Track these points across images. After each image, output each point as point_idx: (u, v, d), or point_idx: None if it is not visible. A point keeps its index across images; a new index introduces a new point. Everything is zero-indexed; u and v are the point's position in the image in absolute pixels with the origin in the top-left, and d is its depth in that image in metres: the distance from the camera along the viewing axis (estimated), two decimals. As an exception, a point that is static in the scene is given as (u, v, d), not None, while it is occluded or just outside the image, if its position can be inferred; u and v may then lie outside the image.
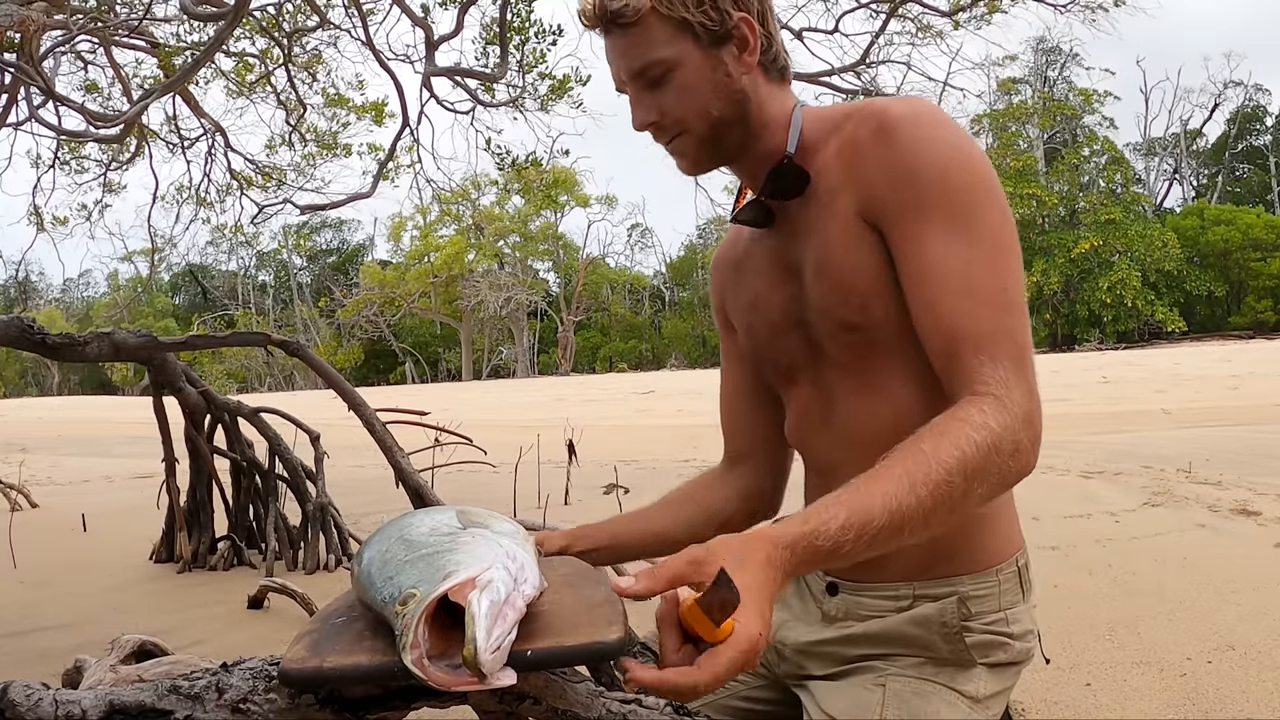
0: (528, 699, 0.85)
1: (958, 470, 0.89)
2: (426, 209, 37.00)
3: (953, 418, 0.94)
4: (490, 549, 0.82)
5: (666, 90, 1.07)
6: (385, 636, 0.79)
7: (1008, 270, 1.01)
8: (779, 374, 1.24)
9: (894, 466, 0.89)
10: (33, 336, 3.89)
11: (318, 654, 0.79)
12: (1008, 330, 0.99)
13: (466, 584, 0.73)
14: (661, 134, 1.11)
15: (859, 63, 7.52)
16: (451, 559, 0.79)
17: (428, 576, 0.76)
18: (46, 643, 3.69)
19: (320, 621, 0.89)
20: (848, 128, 1.08)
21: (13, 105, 6.55)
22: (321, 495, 5.11)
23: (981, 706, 1.10)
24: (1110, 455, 8.43)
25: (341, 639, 0.83)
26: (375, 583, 0.82)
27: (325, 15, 7.42)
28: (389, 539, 0.88)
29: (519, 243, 55.80)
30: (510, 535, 0.89)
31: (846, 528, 0.84)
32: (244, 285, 63.47)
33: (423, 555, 0.81)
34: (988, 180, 1.03)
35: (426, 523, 0.90)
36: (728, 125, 1.10)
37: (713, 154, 1.12)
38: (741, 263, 1.26)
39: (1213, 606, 3.59)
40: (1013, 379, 0.96)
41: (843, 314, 1.09)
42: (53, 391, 54.94)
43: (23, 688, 0.77)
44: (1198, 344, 39.32)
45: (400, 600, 0.75)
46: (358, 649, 0.80)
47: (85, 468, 11.37)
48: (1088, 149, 49.80)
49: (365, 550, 0.90)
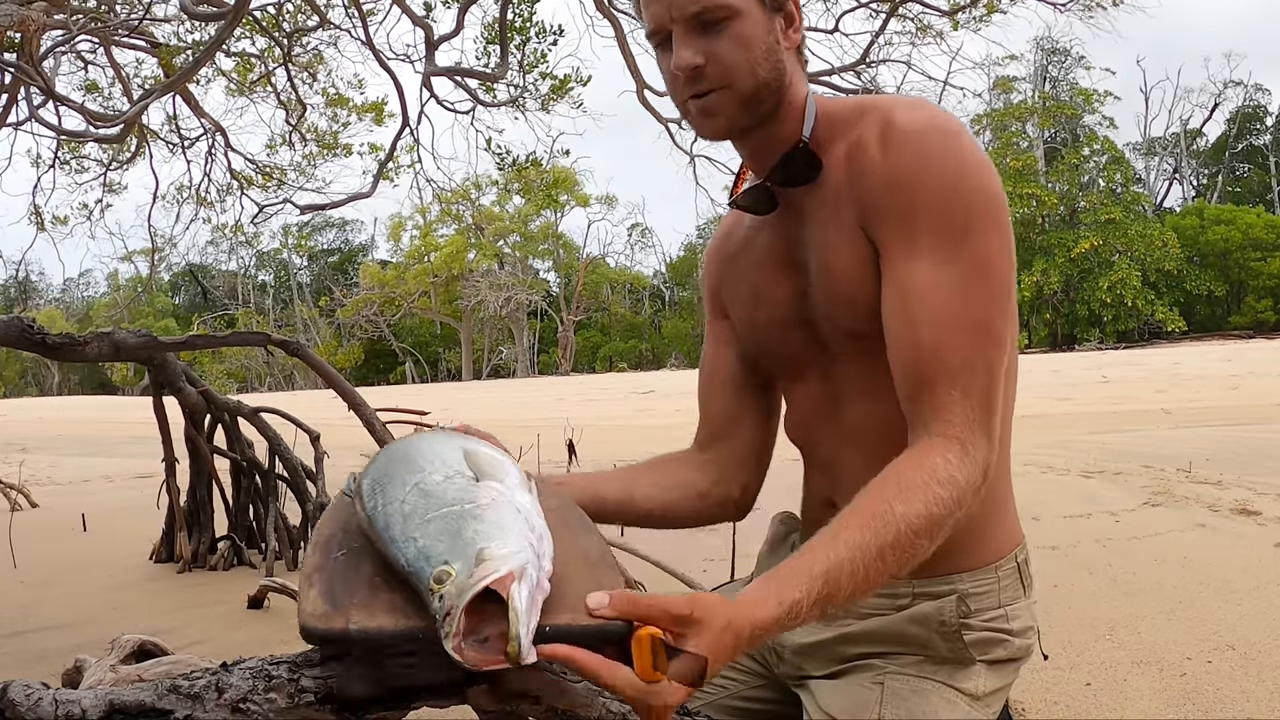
0: (528, 698, 0.85)
1: (924, 532, 0.90)
2: (426, 209, 36.97)
3: (920, 467, 0.93)
4: (514, 521, 0.82)
5: (721, 37, 1.03)
6: (400, 588, 0.81)
7: (994, 301, 0.99)
8: (784, 369, 1.22)
9: (865, 532, 0.89)
10: (33, 336, 3.89)
11: (338, 608, 0.80)
12: (984, 365, 0.98)
13: (507, 578, 0.74)
14: (703, 82, 1.04)
15: (859, 62, 7.52)
16: (479, 531, 0.79)
17: (458, 551, 0.77)
18: (46, 643, 3.69)
19: (323, 554, 0.89)
20: (858, 129, 1.06)
21: (13, 105, 6.55)
22: (321, 495, 5.10)
23: (981, 704, 1.10)
24: (1110, 455, 8.43)
25: (356, 586, 0.83)
26: (395, 536, 0.82)
27: (325, 15, 7.42)
28: (403, 484, 0.87)
29: (519, 242, 55.79)
30: (523, 492, 0.89)
31: (815, 603, 0.85)
32: (244, 285, 63.46)
33: (444, 516, 0.81)
34: (989, 203, 1.01)
35: (438, 465, 0.90)
36: (767, 91, 1.06)
37: (747, 116, 1.07)
38: (739, 253, 1.24)
39: (1213, 606, 3.59)
40: (977, 423, 0.96)
41: (849, 323, 1.09)
42: (53, 391, 54.93)
43: (23, 688, 0.77)
44: (1198, 344, 39.32)
45: (435, 578, 0.76)
46: (376, 604, 0.80)
47: (85, 468, 11.37)
48: (1088, 149, 49.80)
49: (377, 491, 0.89)
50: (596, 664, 0.75)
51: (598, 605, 0.77)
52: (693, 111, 1.08)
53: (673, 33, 1.04)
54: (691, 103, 1.07)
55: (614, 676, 0.75)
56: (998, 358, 1.00)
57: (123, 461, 11.74)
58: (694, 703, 1.25)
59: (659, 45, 1.08)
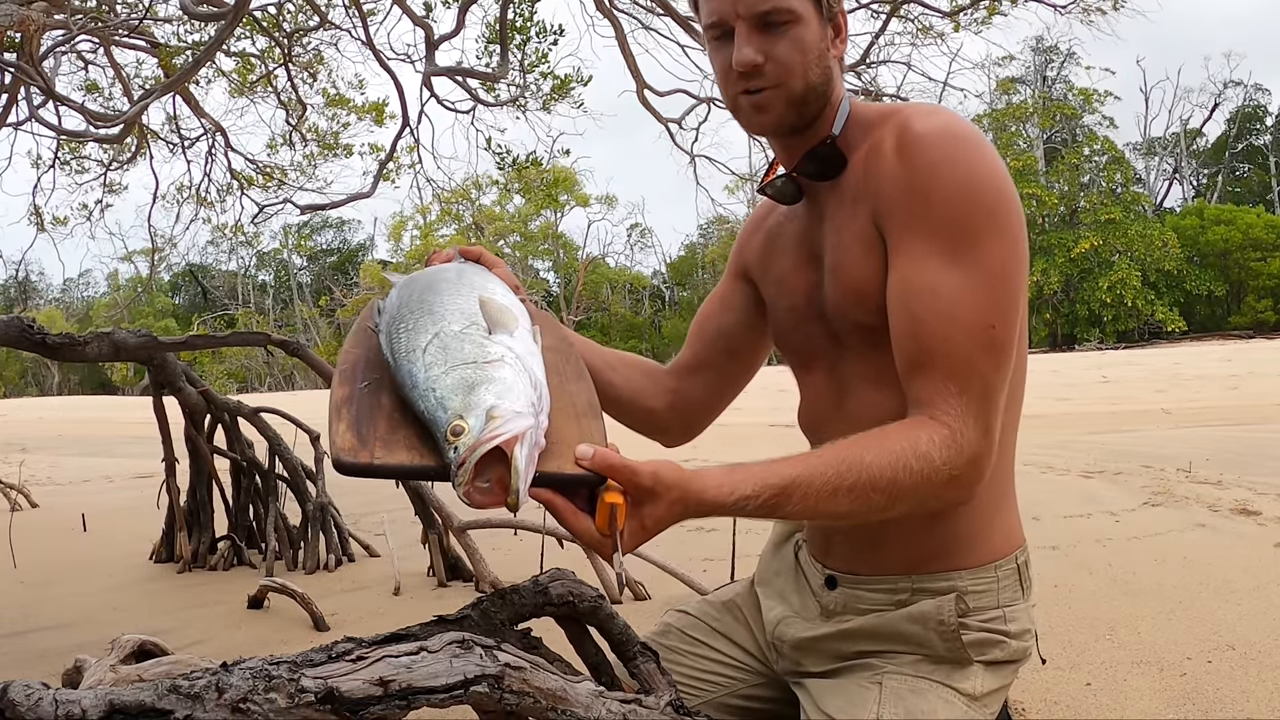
0: (528, 697, 0.85)
1: (885, 489, 0.96)
2: (427, 209, 36.99)
3: (903, 435, 0.98)
4: (520, 380, 0.93)
5: (781, 39, 1.08)
6: (414, 424, 0.94)
7: (1001, 309, 1.01)
8: (796, 358, 1.26)
9: (829, 464, 0.96)
10: (33, 336, 3.88)
11: (364, 443, 0.92)
12: (982, 370, 1.00)
13: (512, 440, 0.85)
14: (760, 79, 1.10)
15: (859, 63, 7.52)
16: (490, 392, 0.90)
17: (471, 406, 0.89)
18: (46, 643, 3.69)
19: (350, 384, 0.99)
20: (877, 134, 1.10)
21: (13, 105, 6.55)
22: (321, 495, 5.11)
23: (979, 704, 1.10)
24: (1110, 455, 8.43)
25: (376, 420, 0.95)
26: (417, 383, 0.94)
27: (325, 15, 7.42)
28: (424, 331, 0.98)
29: (519, 242, 55.77)
30: (531, 352, 0.99)
31: (761, 506, 0.94)
32: (244, 285, 63.44)
33: (459, 369, 0.93)
34: (1002, 211, 1.03)
35: (456, 316, 1.00)
36: (815, 94, 1.12)
37: (795, 116, 1.12)
38: (774, 236, 1.28)
39: (1213, 606, 3.58)
40: (972, 417, 0.99)
41: (858, 316, 1.11)
42: (53, 391, 54.91)
43: (23, 688, 0.77)
44: (1198, 344, 39.29)
45: (451, 429, 0.88)
46: (395, 441, 0.93)
47: (85, 468, 11.37)
48: (1088, 149, 49.78)
49: (400, 333, 0.99)
50: (567, 511, 0.92)
51: (581, 456, 0.91)
52: (743, 106, 1.13)
53: (736, 29, 1.09)
54: (743, 98, 1.12)
55: (576, 523, 0.92)
56: (999, 362, 1.01)
57: (123, 461, 11.73)
58: (693, 701, 1.25)
59: (717, 37, 1.12)
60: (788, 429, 4.42)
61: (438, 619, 0.98)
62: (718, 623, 1.34)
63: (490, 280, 1.12)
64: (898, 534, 1.12)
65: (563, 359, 1.12)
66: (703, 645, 1.32)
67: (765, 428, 10.88)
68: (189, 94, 8.05)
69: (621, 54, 7.45)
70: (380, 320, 1.05)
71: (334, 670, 0.82)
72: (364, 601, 4.30)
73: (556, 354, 1.10)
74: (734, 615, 1.35)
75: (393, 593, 4.38)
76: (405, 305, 1.03)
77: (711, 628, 1.34)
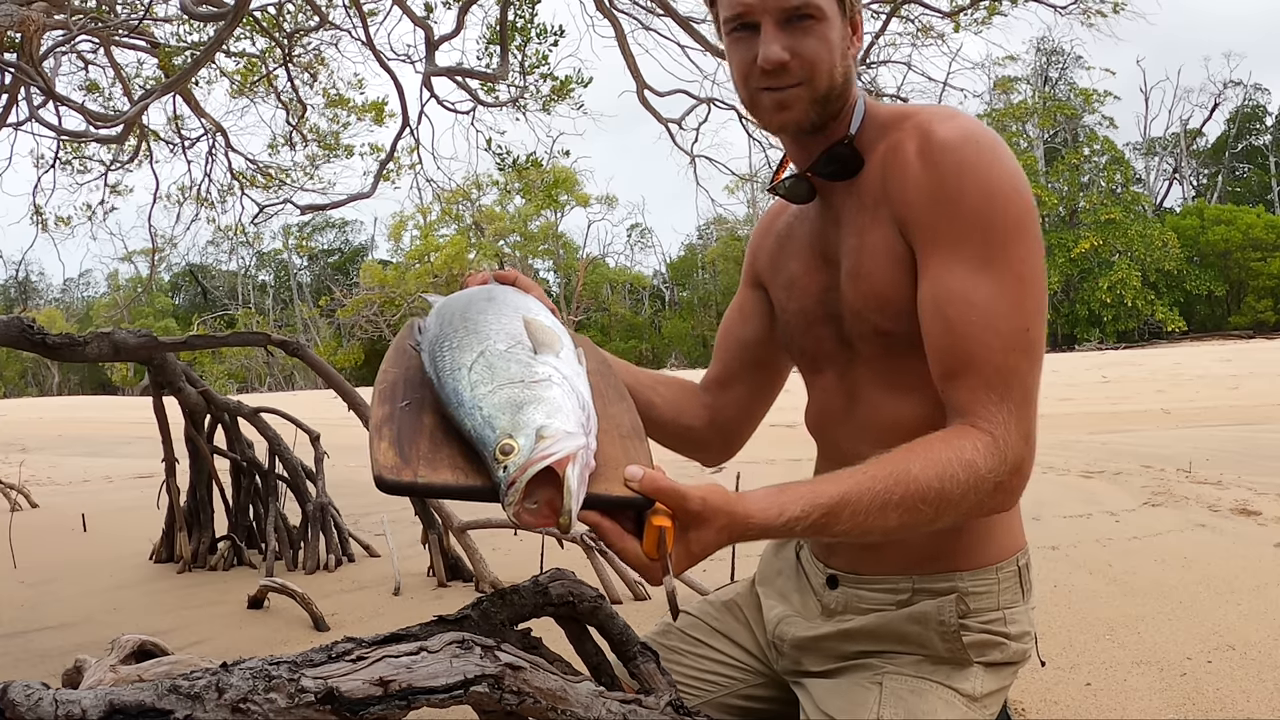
0: (528, 697, 0.85)
1: (933, 501, 0.94)
2: (427, 209, 37.00)
3: (947, 445, 0.97)
4: (568, 400, 0.91)
5: (807, 36, 1.07)
6: (457, 442, 0.93)
7: (1031, 312, 1.02)
8: (806, 361, 1.26)
9: (876, 479, 0.94)
10: (33, 336, 3.88)
11: (406, 461, 0.91)
12: (1021, 373, 1.00)
13: (565, 460, 0.84)
14: (786, 76, 1.08)
15: (859, 63, 7.52)
16: (539, 411, 0.89)
17: (520, 426, 0.88)
18: (46, 643, 3.69)
19: (390, 404, 0.98)
20: (895, 135, 1.09)
21: (13, 105, 6.55)
22: (321, 495, 5.11)
23: (978, 705, 1.10)
24: (1110, 455, 8.43)
25: (418, 439, 0.94)
26: (462, 401, 0.92)
27: (326, 15, 7.42)
28: (469, 349, 0.96)
29: (519, 242, 55.75)
30: (578, 373, 0.97)
31: (810, 527, 0.92)
32: (244, 285, 63.44)
33: (507, 389, 0.91)
34: (1027, 216, 1.03)
35: (501, 336, 0.98)
36: (837, 92, 1.11)
37: (817, 114, 1.11)
38: (785, 238, 1.28)
39: (1213, 606, 3.58)
40: (1014, 424, 0.98)
41: (878, 321, 1.10)
42: (53, 391, 54.90)
43: (23, 688, 0.77)
44: (1198, 344, 39.29)
45: (500, 448, 0.86)
46: (439, 459, 0.91)
47: (85, 468, 11.37)
48: (1088, 149, 49.77)
49: (444, 351, 0.98)
50: (614, 534, 0.89)
51: (631, 478, 0.90)
52: (764, 103, 1.11)
53: (761, 24, 1.07)
54: (765, 94, 1.10)
55: (623, 546, 0.89)
56: (1034, 364, 1.02)
57: (123, 461, 11.74)
58: (694, 701, 1.25)
59: (737, 31, 1.10)
60: (788, 429, 4.41)
61: (438, 619, 0.98)
62: (718, 622, 1.34)
63: (531, 302, 1.11)
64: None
65: (605, 381, 1.11)
66: (703, 645, 1.32)
67: (766, 427, 10.84)
68: (189, 94, 8.06)
69: (621, 54, 7.45)
70: (421, 339, 1.04)
71: (334, 670, 0.83)
72: (364, 602, 4.29)
73: (598, 376, 1.09)
74: (734, 615, 1.35)
75: (393, 593, 4.38)
76: (448, 324, 1.02)
77: (712, 628, 1.34)
